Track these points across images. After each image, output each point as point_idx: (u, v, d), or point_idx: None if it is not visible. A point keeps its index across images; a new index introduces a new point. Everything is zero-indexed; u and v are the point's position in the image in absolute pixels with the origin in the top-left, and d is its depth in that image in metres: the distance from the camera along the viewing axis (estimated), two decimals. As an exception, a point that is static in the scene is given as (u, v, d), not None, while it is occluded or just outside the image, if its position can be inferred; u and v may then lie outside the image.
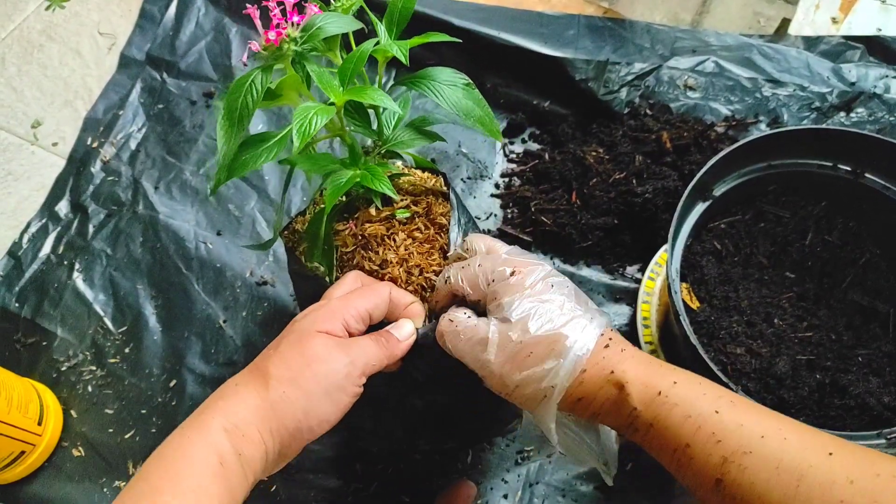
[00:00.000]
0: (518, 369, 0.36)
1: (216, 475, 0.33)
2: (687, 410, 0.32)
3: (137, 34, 0.83)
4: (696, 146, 0.67)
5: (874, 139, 0.53)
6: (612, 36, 0.76)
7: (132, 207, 0.71)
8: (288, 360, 0.38)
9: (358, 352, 0.38)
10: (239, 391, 0.37)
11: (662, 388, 0.33)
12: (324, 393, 0.37)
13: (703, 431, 0.31)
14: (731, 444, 0.30)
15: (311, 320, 0.39)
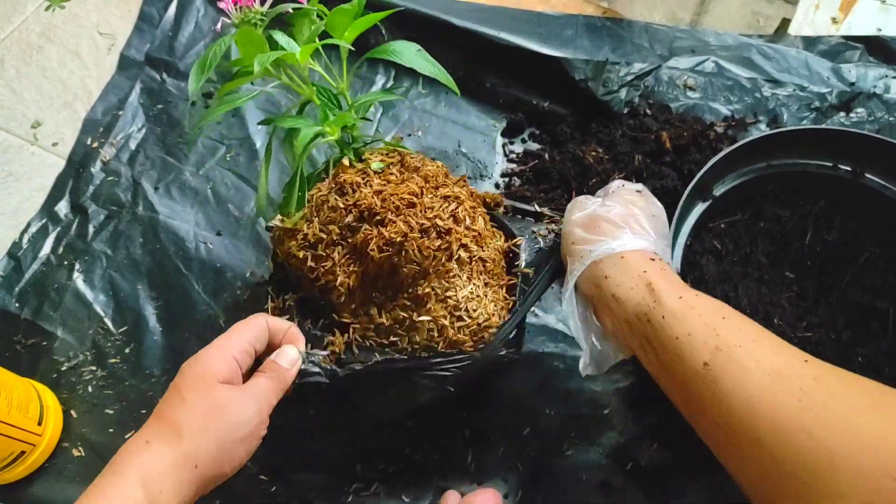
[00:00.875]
0: (583, 229, 0.46)
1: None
2: (699, 311, 0.38)
3: (136, 35, 0.82)
4: (696, 146, 0.67)
5: (873, 139, 0.53)
6: (611, 36, 0.76)
7: (132, 208, 0.71)
8: (197, 412, 0.39)
9: (261, 395, 0.42)
10: (151, 447, 0.38)
11: (684, 294, 0.40)
12: (238, 441, 0.40)
13: (707, 326, 0.37)
14: (726, 338, 0.36)
15: (206, 365, 0.41)
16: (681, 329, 0.38)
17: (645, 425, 0.58)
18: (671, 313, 0.39)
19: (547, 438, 0.58)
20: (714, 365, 0.35)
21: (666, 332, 0.39)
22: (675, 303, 0.39)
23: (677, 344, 0.38)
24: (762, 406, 0.32)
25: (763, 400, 0.33)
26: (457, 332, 0.46)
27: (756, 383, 0.33)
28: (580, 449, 0.57)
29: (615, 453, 0.57)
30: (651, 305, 0.40)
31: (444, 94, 0.77)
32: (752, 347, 0.35)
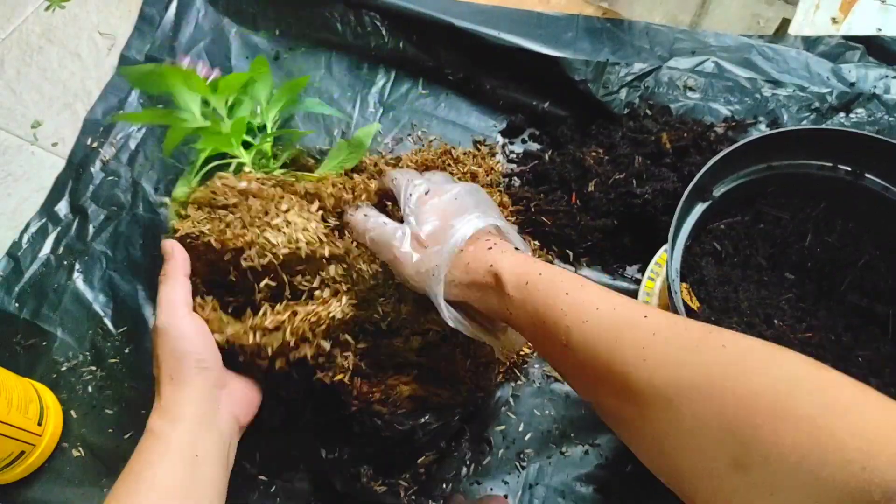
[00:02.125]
0: (414, 252, 0.45)
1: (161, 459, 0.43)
2: (545, 294, 0.39)
3: (136, 36, 0.83)
4: (696, 147, 0.67)
5: (874, 140, 0.53)
6: (611, 37, 0.76)
7: (132, 209, 0.71)
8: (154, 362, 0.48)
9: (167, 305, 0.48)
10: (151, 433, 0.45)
11: (530, 278, 0.40)
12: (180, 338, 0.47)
13: (555, 309, 0.38)
14: (573, 316, 0.37)
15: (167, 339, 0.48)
16: (535, 318, 0.40)
17: (644, 427, 0.58)
18: (521, 303, 0.40)
19: (547, 440, 0.58)
20: (572, 343, 0.37)
21: (521, 322, 0.41)
22: (522, 292, 0.41)
23: (536, 331, 0.40)
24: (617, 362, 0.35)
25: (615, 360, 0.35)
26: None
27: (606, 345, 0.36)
28: (580, 450, 0.57)
29: (615, 455, 0.57)
30: (504, 300, 0.41)
31: (445, 96, 0.77)
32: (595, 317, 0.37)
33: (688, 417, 0.31)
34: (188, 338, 0.47)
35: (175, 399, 0.46)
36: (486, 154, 0.73)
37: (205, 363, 0.47)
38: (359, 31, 0.79)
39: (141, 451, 0.44)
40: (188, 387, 0.46)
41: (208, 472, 0.45)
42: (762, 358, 0.31)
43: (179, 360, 0.46)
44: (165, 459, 0.43)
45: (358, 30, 0.79)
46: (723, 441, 0.29)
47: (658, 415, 0.33)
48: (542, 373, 0.60)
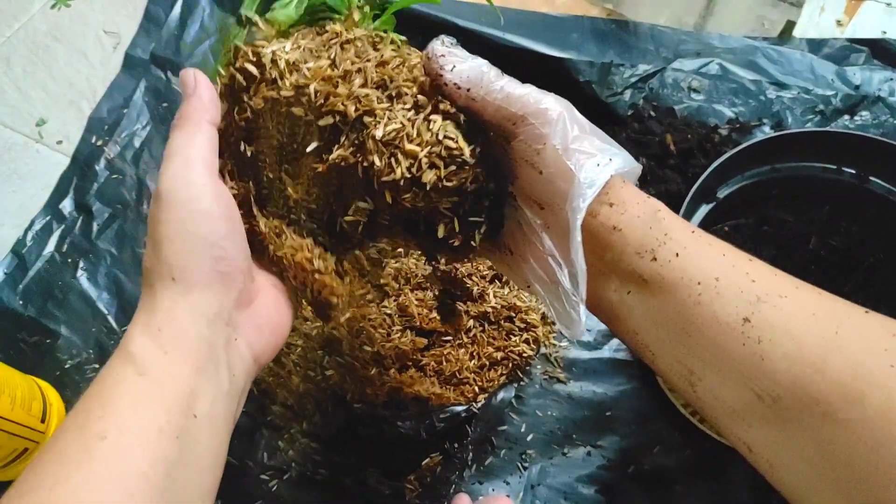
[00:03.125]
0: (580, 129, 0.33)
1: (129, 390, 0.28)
2: (722, 250, 0.29)
3: (142, 34, 0.83)
4: (700, 149, 0.67)
5: (878, 142, 0.53)
6: (616, 38, 0.76)
7: (137, 207, 0.71)
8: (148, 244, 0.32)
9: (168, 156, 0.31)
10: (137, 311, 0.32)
11: (696, 229, 0.30)
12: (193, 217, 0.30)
13: (738, 270, 0.28)
14: (766, 286, 0.27)
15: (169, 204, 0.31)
16: (703, 271, 0.28)
17: (648, 429, 0.58)
18: (687, 250, 0.29)
19: (549, 441, 0.58)
20: (757, 320, 0.27)
21: (677, 275, 0.29)
22: (688, 238, 0.30)
23: (700, 290, 0.28)
24: (832, 368, 0.25)
25: (831, 360, 0.25)
26: None
27: (819, 339, 0.25)
28: (582, 451, 0.57)
29: (617, 456, 0.57)
30: (660, 239, 0.30)
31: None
32: (801, 296, 0.27)
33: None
34: (209, 216, 0.30)
35: (176, 312, 0.29)
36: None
37: (228, 263, 0.31)
38: (363, 30, 0.79)
39: (108, 384, 0.28)
40: (198, 296, 0.30)
41: (207, 443, 0.29)
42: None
43: (190, 249, 0.30)
44: (145, 414, 0.27)
45: (363, 30, 0.79)
46: None
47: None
48: (545, 373, 0.60)
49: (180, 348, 0.29)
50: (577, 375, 0.60)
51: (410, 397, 0.52)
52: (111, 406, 0.27)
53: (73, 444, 0.26)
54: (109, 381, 0.28)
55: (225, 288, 0.31)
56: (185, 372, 0.29)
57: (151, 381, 0.28)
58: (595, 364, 0.61)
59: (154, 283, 0.30)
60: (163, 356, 0.29)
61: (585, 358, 0.61)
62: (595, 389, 0.60)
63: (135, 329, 0.30)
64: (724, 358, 0.27)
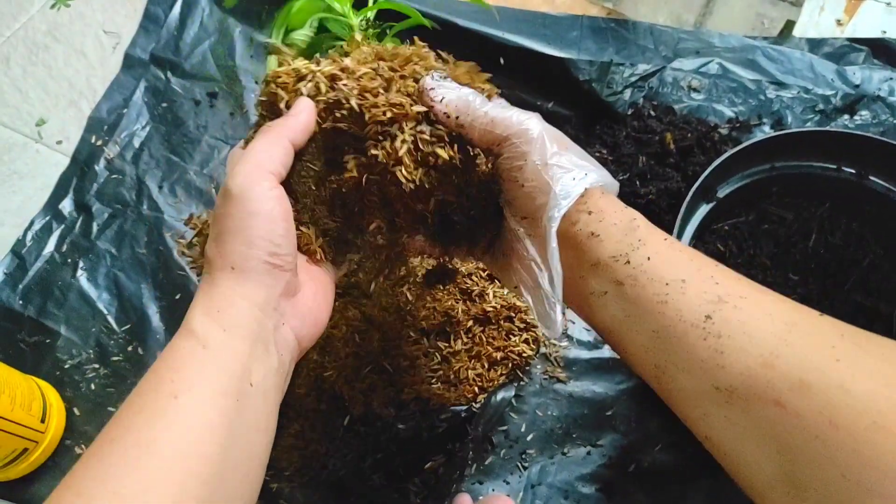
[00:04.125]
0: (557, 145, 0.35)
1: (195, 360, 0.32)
2: (689, 256, 0.32)
3: (142, 34, 0.83)
4: (700, 147, 0.67)
5: (878, 141, 0.53)
6: (616, 37, 0.76)
7: (136, 207, 0.71)
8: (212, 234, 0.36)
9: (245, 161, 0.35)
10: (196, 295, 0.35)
11: (669, 237, 0.34)
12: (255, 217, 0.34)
13: (703, 273, 0.31)
14: (729, 289, 0.30)
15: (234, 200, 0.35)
16: (672, 273, 0.32)
17: (648, 427, 0.58)
18: (658, 255, 0.32)
19: (549, 440, 0.58)
20: (718, 318, 0.29)
21: (648, 277, 0.32)
22: (660, 245, 0.33)
23: (668, 290, 0.31)
24: (782, 362, 0.27)
25: (783, 355, 0.27)
26: None
27: (771, 336, 0.28)
28: (582, 450, 0.57)
29: (617, 455, 0.57)
30: (634, 244, 0.33)
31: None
32: (760, 298, 0.30)
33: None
34: (270, 217, 0.34)
35: (233, 297, 0.34)
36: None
37: (281, 258, 0.35)
38: (363, 30, 0.79)
39: (175, 355, 0.32)
40: (253, 284, 0.34)
41: (261, 408, 0.33)
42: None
43: (249, 243, 0.34)
44: (210, 379, 0.31)
45: (362, 29, 0.79)
46: None
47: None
48: (545, 373, 0.60)
49: (237, 326, 0.33)
50: (576, 375, 0.60)
51: (411, 398, 0.53)
52: (180, 372, 0.31)
53: (150, 402, 0.30)
54: (176, 353, 0.32)
55: (275, 279, 0.35)
56: (242, 347, 0.33)
57: (213, 352, 0.32)
58: (595, 363, 0.61)
59: (214, 271, 0.34)
60: (222, 333, 0.33)
61: (585, 357, 0.61)
62: (595, 388, 0.60)
63: (195, 311, 0.34)
64: (687, 352, 0.30)
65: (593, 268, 0.34)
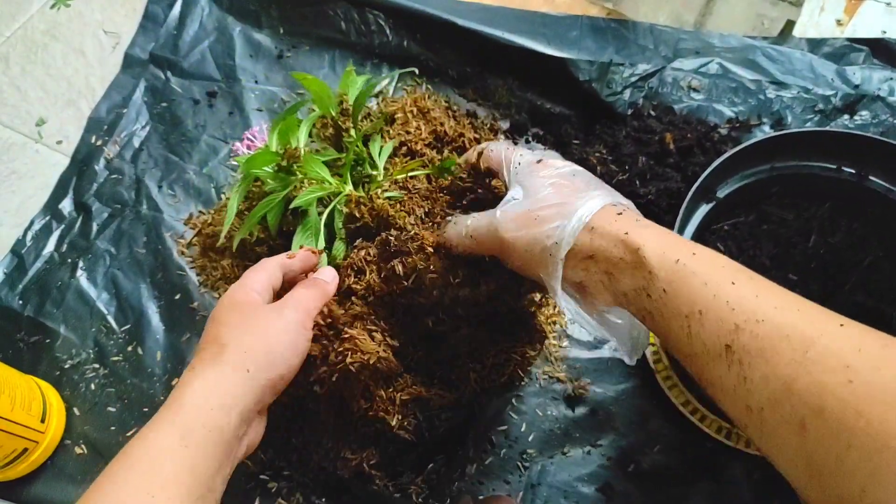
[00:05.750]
0: (527, 230, 0.38)
1: (174, 452, 0.35)
2: (704, 279, 0.32)
3: (141, 34, 0.83)
4: (700, 148, 0.66)
5: (878, 141, 0.53)
6: (616, 37, 0.76)
7: (135, 207, 0.71)
8: (235, 325, 0.41)
9: (297, 300, 0.44)
10: (197, 371, 0.39)
11: (681, 256, 0.33)
12: (286, 342, 0.41)
13: (719, 299, 0.31)
14: (745, 313, 0.30)
15: (232, 296, 0.43)
16: (687, 306, 0.32)
17: (647, 428, 0.58)
18: (670, 286, 0.33)
19: (549, 440, 0.58)
20: (737, 347, 0.30)
21: (669, 310, 0.33)
22: (671, 272, 0.33)
23: (687, 323, 0.32)
24: (801, 387, 0.27)
25: (800, 380, 0.28)
26: None
27: (789, 361, 0.28)
28: (582, 450, 0.57)
29: (617, 455, 0.57)
30: (646, 278, 0.34)
31: (450, 95, 0.77)
32: (777, 318, 0.30)
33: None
34: (300, 353, 0.43)
35: (234, 402, 0.38)
36: (486, 128, 0.73)
37: (282, 386, 0.42)
38: (363, 29, 0.79)
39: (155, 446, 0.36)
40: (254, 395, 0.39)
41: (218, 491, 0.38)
42: None
43: (276, 365, 0.40)
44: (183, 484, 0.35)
45: (362, 28, 0.79)
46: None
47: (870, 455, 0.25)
48: (545, 373, 0.60)
49: (219, 431, 0.36)
50: (577, 375, 0.60)
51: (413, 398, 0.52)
52: (155, 468, 0.34)
53: (122, 490, 0.33)
54: (157, 442, 0.35)
55: (267, 398, 0.40)
56: (216, 453, 0.36)
57: (192, 453, 0.35)
58: (595, 364, 0.61)
59: (228, 363, 0.39)
60: (206, 434, 0.36)
61: (585, 357, 0.61)
62: (595, 389, 0.60)
63: (191, 398, 0.37)
64: (718, 377, 0.31)
65: (626, 297, 0.36)
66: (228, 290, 0.43)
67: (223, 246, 0.65)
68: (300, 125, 0.60)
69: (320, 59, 0.80)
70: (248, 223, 0.57)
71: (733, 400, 0.31)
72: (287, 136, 0.59)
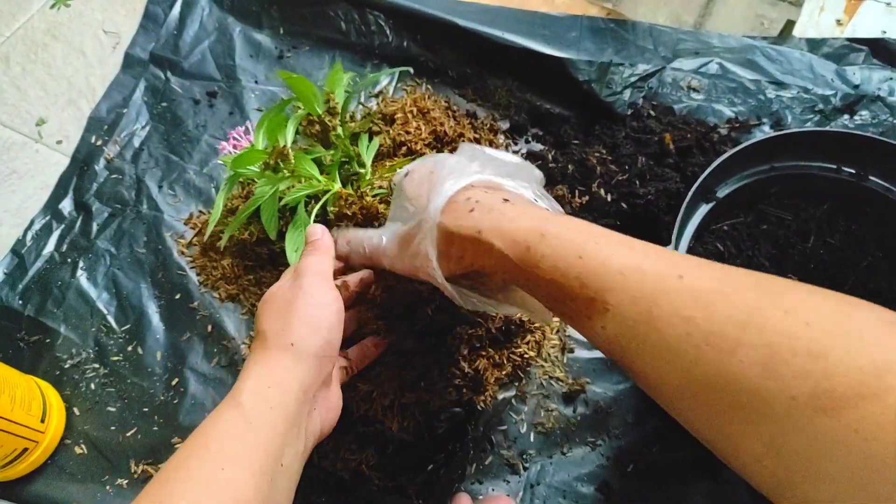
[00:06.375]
0: (401, 256, 0.42)
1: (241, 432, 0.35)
2: (554, 262, 0.33)
3: (141, 34, 0.83)
4: (699, 148, 0.67)
5: (877, 142, 0.53)
6: (615, 37, 0.76)
7: (136, 206, 0.71)
8: (270, 314, 0.42)
9: (305, 268, 0.44)
10: (246, 366, 0.40)
11: (531, 241, 0.34)
12: (315, 308, 0.41)
13: (569, 279, 0.32)
14: (593, 286, 0.31)
15: (263, 299, 0.44)
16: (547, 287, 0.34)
17: (647, 427, 0.58)
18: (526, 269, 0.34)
19: (548, 439, 0.58)
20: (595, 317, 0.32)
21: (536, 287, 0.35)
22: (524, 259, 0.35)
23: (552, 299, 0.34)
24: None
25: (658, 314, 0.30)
26: None
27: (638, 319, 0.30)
28: (581, 450, 0.57)
29: (616, 455, 0.57)
30: (509, 270, 0.36)
31: (450, 96, 0.77)
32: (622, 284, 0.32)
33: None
34: (333, 312, 0.41)
35: (286, 376, 0.38)
36: (486, 128, 0.73)
37: (332, 348, 0.41)
38: (363, 29, 0.79)
39: (222, 427, 0.36)
40: (305, 367, 0.39)
41: (285, 489, 0.37)
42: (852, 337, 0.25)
43: (313, 330, 0.40)
44: (251, 457, 0.35)
45: (362, 28, 0.79)
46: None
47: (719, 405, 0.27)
48: (545, 373, 0.60)
49: (282, 407, 0.37)
50: (576, 375, 0.60)
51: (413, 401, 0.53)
52: (226, 444, 0.35)
53: (197, 470, 0.34)
54: (223, 424, 0.36)
55: (322, 367, 0.40)
56: (281, 428, 0.37)
57: (256, 430, 0.36)
58: (594, 363, 0.61)
59: (271, 347, 0.40)
60: (269, 411, 0.37)
61: (585, 357, 0.61)
62: (594, 389, 0.60)
63: (248, 382, 0.38)
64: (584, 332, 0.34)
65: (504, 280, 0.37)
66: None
67: (212, 241, 0.66)
68: (287, 123, 0.61)
69: (320, 60, 0.80)
70: (234, 222, 0.58)
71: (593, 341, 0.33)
72: (275, 135, 0.60)
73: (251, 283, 0.65)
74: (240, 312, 0.65)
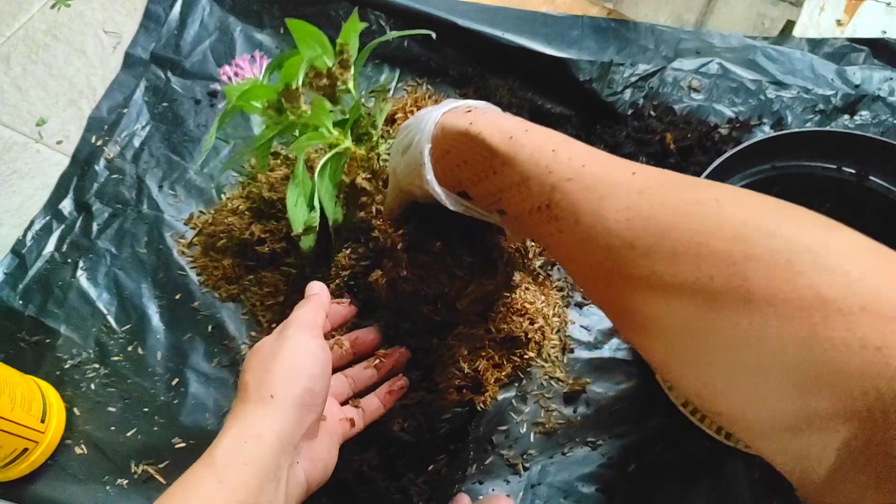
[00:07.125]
0: (401, 158, 0.45)
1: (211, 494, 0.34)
2: (531, 149, 0.36)
3: (142, 34, 0.83)
4: (700, 147, 0.67)
5: (878, 142, 0.53)
6: (616, 37, 0.76)
7: (136, 206, 0.71)
8: (255, 367, 0.42)
9: (295, 318, 0.44)
10: (227, 420, 0.39)
11: (514, 133, 0.37)
12: (301, 359, 0.41)
13: (540, 166, 0.36)
14: (559, 174, 0.34)
15: (251, 351, 0.44)
16: (519, 175, 0.37)
17: (648, 427, 0.58)
18: (506, 159, 0.37)
19: (549, 439, 0.58)
20: (553, 204, 0.35)
21: (507, 181, 0.38)
22: (507, 147, 0.38)
23: (519, 190, 0.37)
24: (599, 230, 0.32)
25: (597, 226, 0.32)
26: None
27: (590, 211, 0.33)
28: (582, 450, 0.57)
29: (617, 455, 0.57)
30: (487, 158, 0.39)
31: (451, 95, 0.77)
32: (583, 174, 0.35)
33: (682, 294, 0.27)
34: (313, 357, 0.41)
35: (262, 429, 0.38)
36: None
37: (313, 397, 0.40)
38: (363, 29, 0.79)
39: (193, 485, 0.35)
40: (284, 418, 0.38)
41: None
42: (771, 217, 0.28)
43: (291, 377, 0.40)
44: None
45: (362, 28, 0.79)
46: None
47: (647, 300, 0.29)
48: (545, 373, 0.60)
49: (257, 461, 0.36)
50: (577, 374, 0.60)
51: (415, 401, 0.53)
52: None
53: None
54: (194, 485, 0.35)
55: (303, 417, 0.39)
56: (255, 484, 0.35)
57: (228, 489, 0.34)
58: (595, 363, 0.61)
59: (249, 401, 0.39)
60: (242, 467, 0.35)
61: (585, 357, 0.61)
62: (595, 388, 0.60)
63: (225, 438, 0.37)
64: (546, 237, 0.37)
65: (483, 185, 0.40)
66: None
67: (212, 241, 0.65)
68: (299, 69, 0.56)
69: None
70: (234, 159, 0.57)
71: (559, 255, 0.36)
72: (287, 78, 0.55)
73: (252, 282, 0.65)
74: (241, 312, 0.65)
